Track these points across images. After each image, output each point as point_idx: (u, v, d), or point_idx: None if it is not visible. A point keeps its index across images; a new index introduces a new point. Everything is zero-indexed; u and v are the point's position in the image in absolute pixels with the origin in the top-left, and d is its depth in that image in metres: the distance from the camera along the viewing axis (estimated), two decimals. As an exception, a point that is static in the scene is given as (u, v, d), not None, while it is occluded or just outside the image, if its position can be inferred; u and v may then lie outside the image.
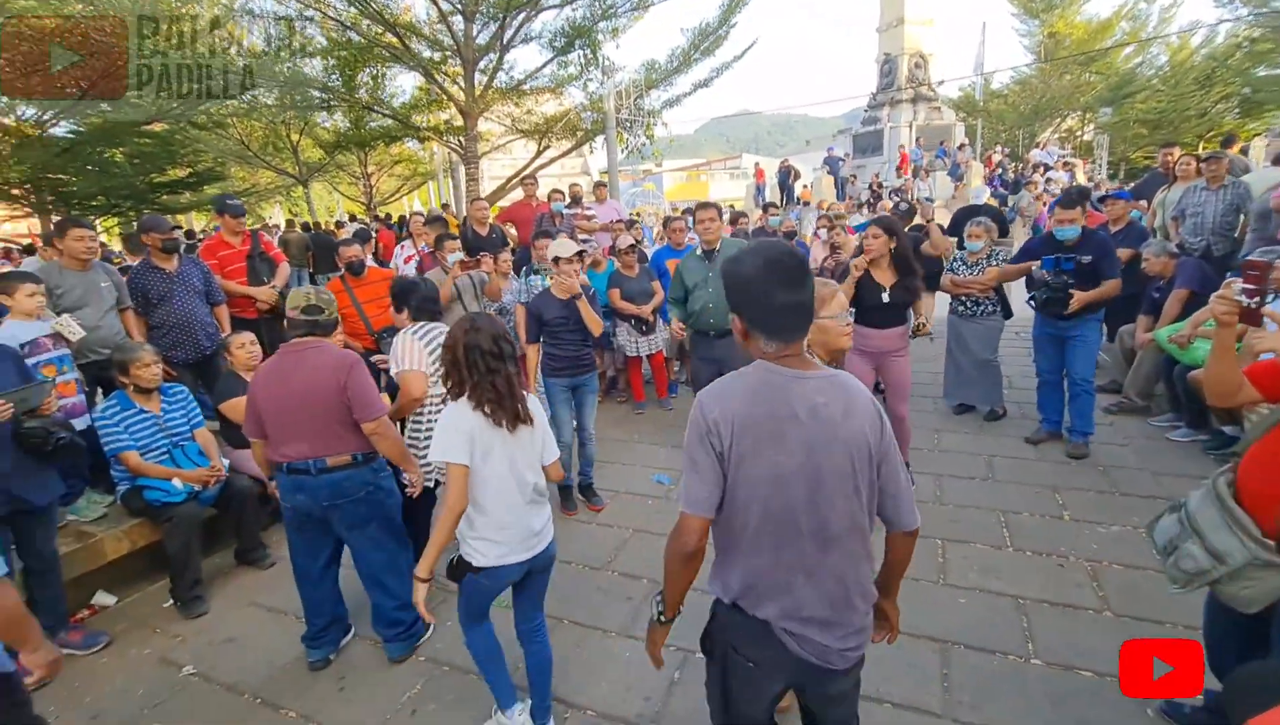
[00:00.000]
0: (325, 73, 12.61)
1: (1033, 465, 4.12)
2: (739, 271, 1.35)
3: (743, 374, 1.38)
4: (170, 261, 4.12)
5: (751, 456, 1.32)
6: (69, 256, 3.81)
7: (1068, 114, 27.77)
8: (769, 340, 1.35)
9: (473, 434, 1.93)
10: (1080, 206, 3.98)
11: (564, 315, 3.69)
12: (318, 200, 24.12)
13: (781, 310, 1.33)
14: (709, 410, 1.34)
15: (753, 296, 1.34)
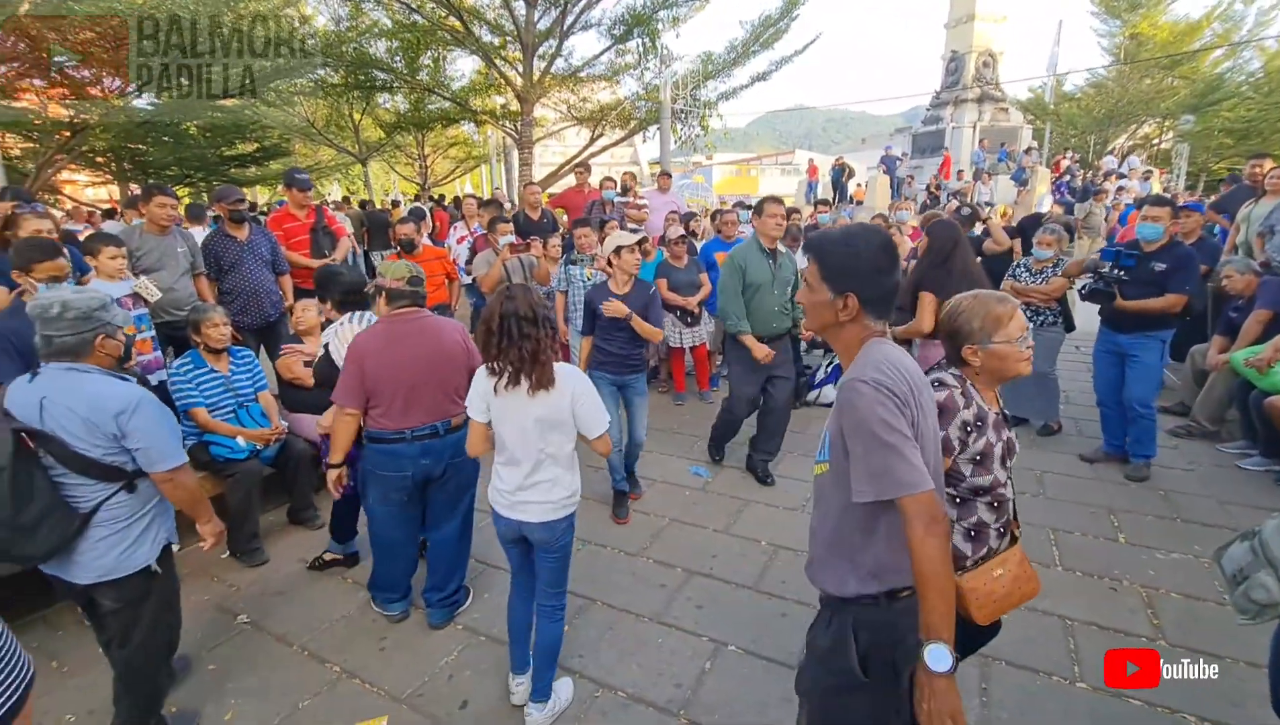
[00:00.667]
0: (389, 54, 12.92)
1: (1087, 484, 3.97)
2: (858, 251, 1.38)
3: (884, 352, 1.35)
4: (241, 231, 4.33)
5: (926, 428, 1.37)
6: (150, 221, 4.02)
7: (1145, 120, 26.31)
8: (878, 318, 1.41)
9: (486, 397, 2.09)
10: (1170, 208, 3.80)
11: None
12: (375, 179, 24.78)
13: (893, 290, 1.41)
14: (896, 385, 1.28)
15: (871, 276, 1.37)
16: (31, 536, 1.81)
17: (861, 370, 1.32)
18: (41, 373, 1.91)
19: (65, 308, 1.89)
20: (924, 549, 1.23)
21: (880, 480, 1.25)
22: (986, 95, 20.71)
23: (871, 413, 1.26)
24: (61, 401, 1.85)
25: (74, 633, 2.78)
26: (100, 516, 1.91)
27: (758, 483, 4.10)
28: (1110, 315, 4.04)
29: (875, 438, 1.25)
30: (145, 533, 2.00)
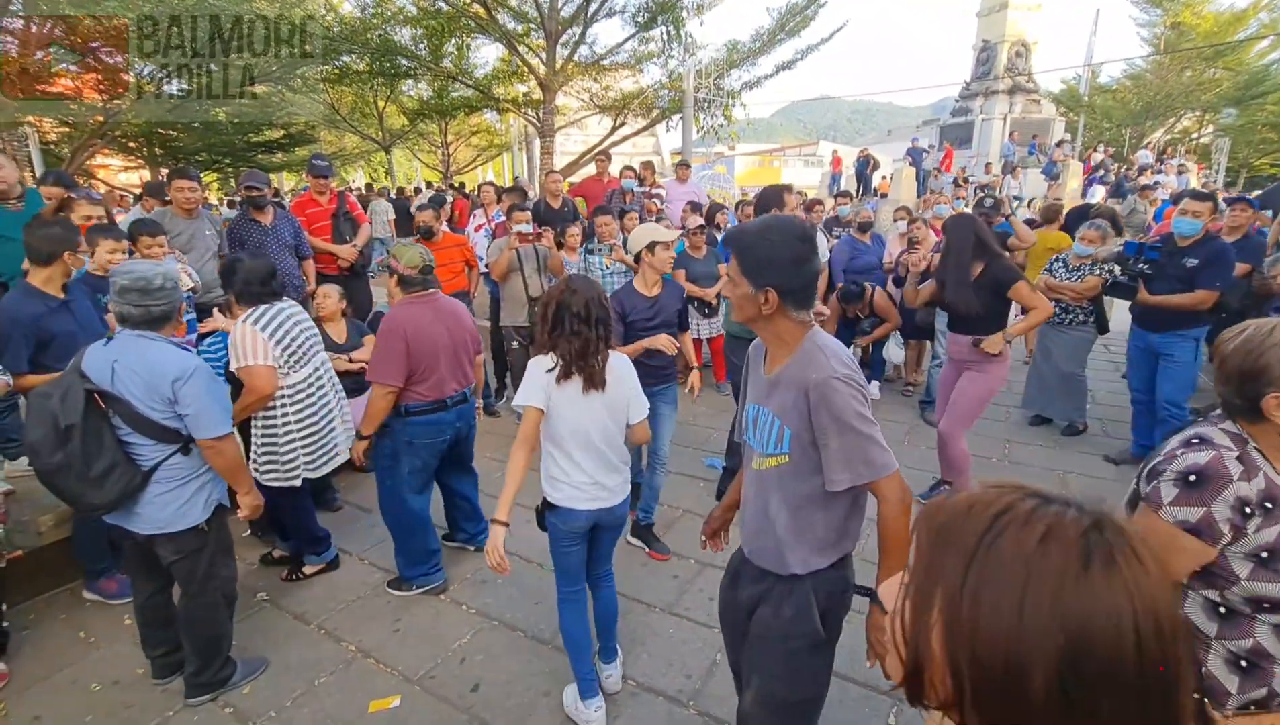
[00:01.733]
0: (413, 41, 12.95)
1: (1112, 486, 3.87)
2: (775, 243, 1.38)
3: (825, 339, 1.45)
4: (265, 215, 4.38)
5: None
6: (176, 205, 4.10)
7: (1184, 113, 25.45)
8: (800, 309, 1.42)
9: (548, 387, 2.03)
10: (1211, 203, 3.67)
11: (649, 315, 3.23)
12: (398, 167, 24.98)
13: (813, 281, 1.43)
14: (856, 372, 1.40)
15: (789, 268, 1.38)
16: (100, 487, 2.01)
17: (828, 365, 1.37)
18: (116, 338, 2.08)
19: (166, 279, 2.08)
20: (896, 525, 1.39)
21: (859, 468, 1.36)
22: (1018, 86, 20.20)
23: (848, 406, 1.35)
24: (129, 365, 2.02)
25: (99, 605, 2.86)
26: (159, 474, 2.10)
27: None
28: (1141, 314, 3.93)
29: (852, 429, 1.35)
30: (199, 493, 2.19)
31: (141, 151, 15.80)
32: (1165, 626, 0.50)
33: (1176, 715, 0.52)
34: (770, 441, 1.46)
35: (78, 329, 2.72)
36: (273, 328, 2.70)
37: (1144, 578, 0.51)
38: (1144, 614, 0.49)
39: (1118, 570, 0.50)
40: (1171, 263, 3.69)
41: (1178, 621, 0.53)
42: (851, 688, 2.34)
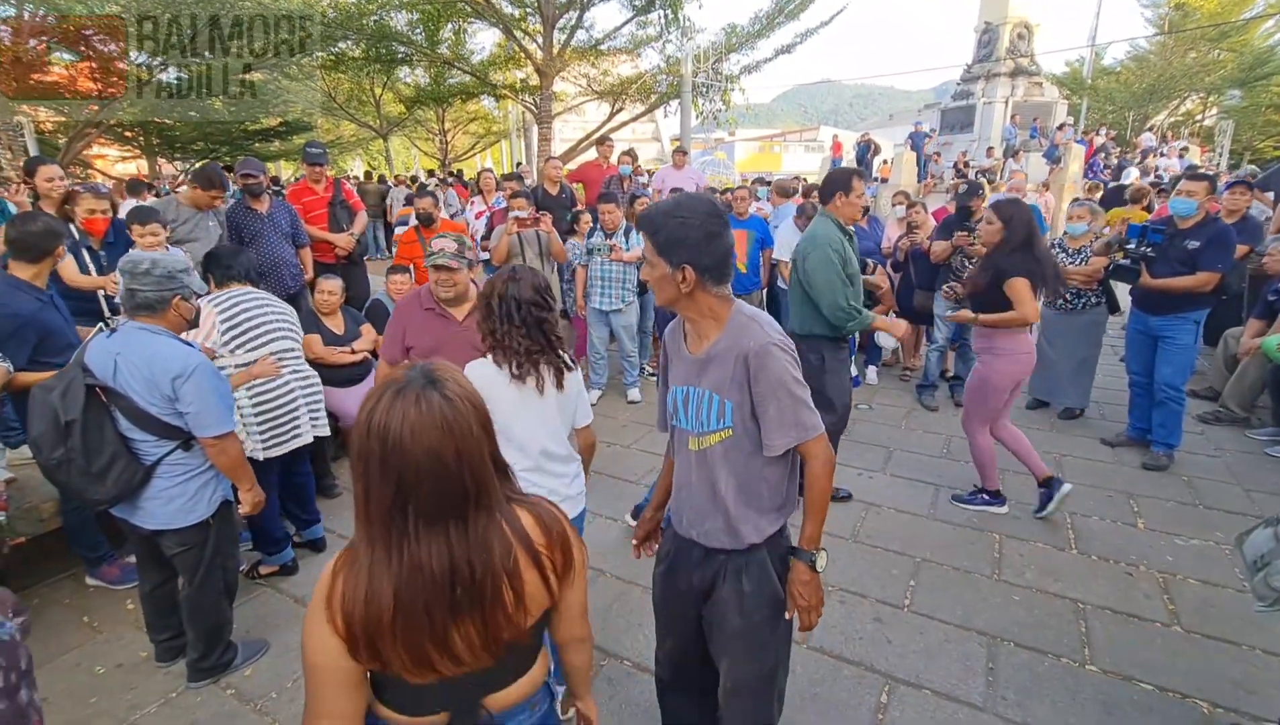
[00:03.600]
0: (409, 27, 12.83)
1: (1107, 468, 3.89)
2: (686, 220, 1.39)
3: (752, 311, 1.49)
4: (262, 203, 4.37)
5: None
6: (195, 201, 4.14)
7: (1188, 95, 25.19)
8: (720, 284, 1.44)
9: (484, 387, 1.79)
10: (1207, 183, 3.64)
11: None
12: (396, 155, 24.83)
13: (727, 255, 1.44)
14: (788, 342, 1.45)
15: (703, 244, 1.39)
16: (101, 482, 2.01)
17: (761, 334, 1.42)
18: (119, 330, 2.06)
19: (154, 265, 2.04)
20: (821, 482, 1.47)
21: (794, 429, 1.42)
22: (1020, 69, 19.95)
23: (785, 371, 1.41)
24: (131, 359, 2.00)
25: (102, 590, 2.89)
26: (162, 470, 2.10)
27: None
28: (1141, 297, 3.92)
29: (789, 393, 1.41)
30: (203, 489, 2.19)
31: (138, 141, 15.71)
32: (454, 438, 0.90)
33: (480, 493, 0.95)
34: (710, 418, 1.47)
35: (64, 322, 2.73)
36: (225, 307, 2.73)
37: (444, 407, 0.91)
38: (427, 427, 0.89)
39: (415, 401, 0.90)
40: (1173, 245, 3.67)
41: (468, 435, 0.92)
42: (845, 667, 2.37)
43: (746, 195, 5.56)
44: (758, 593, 1.53)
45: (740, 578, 1.53)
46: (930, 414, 4.85)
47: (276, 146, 18.06)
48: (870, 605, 2.71)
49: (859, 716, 2.15)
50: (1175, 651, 2.41)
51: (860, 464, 3.98)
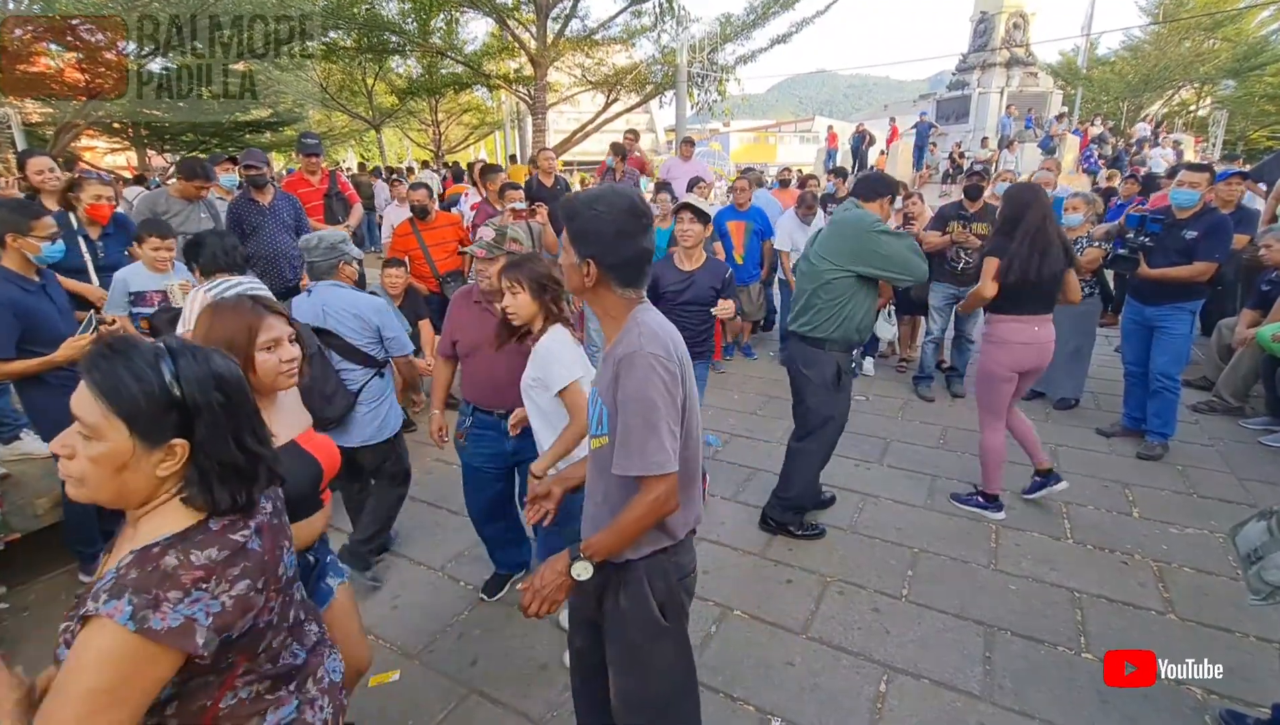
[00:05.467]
0: (401, 16, 12.70)
1: (1102, 458, 3.91)
2: (600, 214, 1.33)
3: (651, 319, 1.38)
4: (264, 195, 4.34)
5: (690, 386, 1.39)
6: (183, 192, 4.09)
7: (1182, 85, 25.22)
8: (627, 286, 1.38)
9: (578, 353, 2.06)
10: (1209, 173, 3.65)
11: (679, 288, 3.15)
12: (388, 146, 24.63)
13: (639, 257, 1.36)
14: (668, 359, 1.31)
15: (611, 241, 1.33)
16: (331, 403, 2.54)
17: (638, 342, 1.31)
18: (314, 289, 2.64)
19: (320, 241, 2.64)
20: (637, 513, 1.31)
21: (637, 458, 1.29)
22: (1016, 59, 19.92)
23: (641, 387, 1.28)
24: (337, 307, 2.58)
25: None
26: (363, 396, 2.64)
27: (760, 455, 4.09)
28: (1137, 287, 3.94)
29: (643, 415, 1.28)
30: (390, 414, 2.74)
31: (127, 133, 15.53)
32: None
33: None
34: (595, 421, 1.41)
35: (57, 313, 2.68)
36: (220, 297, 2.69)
37: None
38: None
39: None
40: (1170, 235, 3.68)
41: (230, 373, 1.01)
42: (844, 657, 2.38)
43: (746, 186, 5.54)
44: (633, 612, 1.44)
45: (619, 594, 1.46)
46: (926, 405, 4.86)
47: (268, 138, 17.87)
48: (868, 596, 2.72)
49: (858, 706, 2.17)
50: (1170, 639, 2.43)
51: (857, 455, 4.00)
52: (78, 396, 0.92)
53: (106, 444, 0.91)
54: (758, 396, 5.10)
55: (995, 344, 3.19)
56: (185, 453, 0.95)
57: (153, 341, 0.99)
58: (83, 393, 0.92)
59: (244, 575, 0.97)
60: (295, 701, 1.13)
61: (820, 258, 2.92)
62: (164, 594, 0.88)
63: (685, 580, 1.51)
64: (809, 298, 2.95)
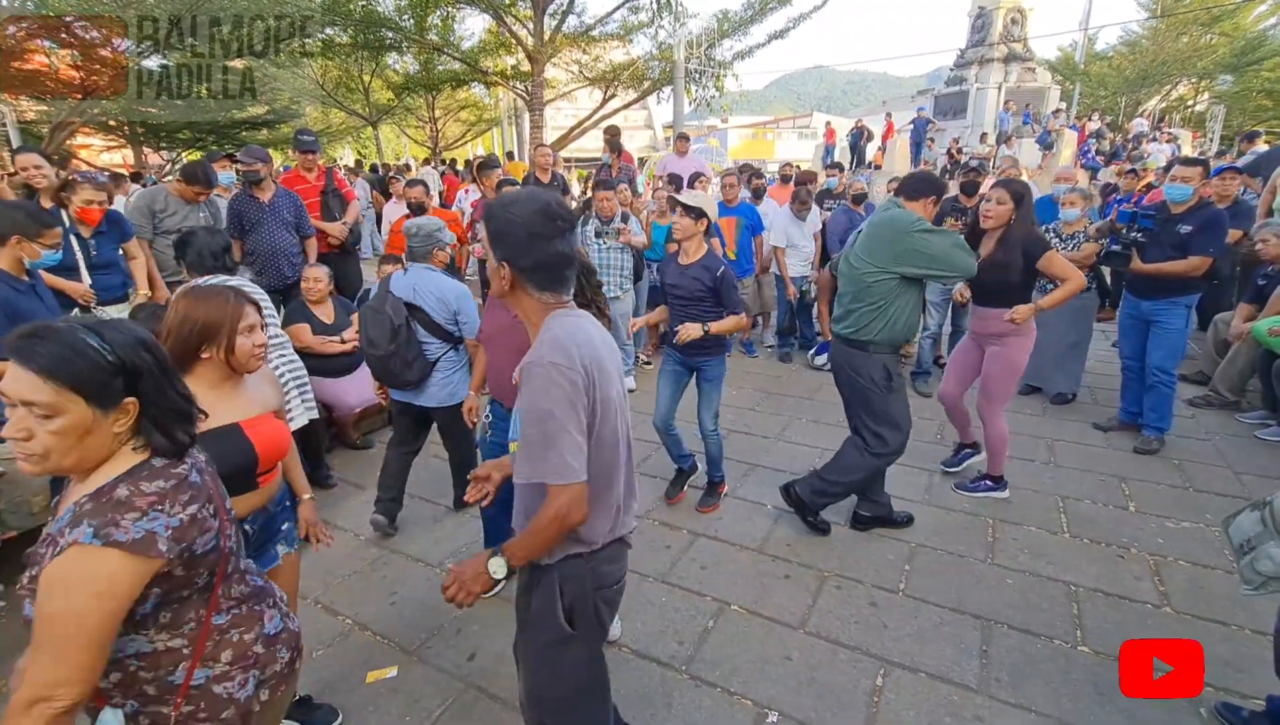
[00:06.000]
0: (398, 12, 12.66)
1: (1099, 453, 3.92)
2: (513, 217, 1.33)
3: (563, 326, 1.36)
4: (265, 192, 4.32)
5: (608, 395, 1.38)
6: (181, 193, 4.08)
7: (1180, 81, 25.21)
8: (543, 290, 1.37)
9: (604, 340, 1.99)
10: (1202, 168, 3.65)
11: (674, 282, 3.16)
12: (386, 143, 24.57)
13: (554, 261, 1.35)
14: (570, 368, 1.29)
15: (524, 244, 1.33)
16: (410, 368, 2.92)
17: (539, 350, 1.32)
18: (410, 271, 2.99)
19: (420, 229, 2.97)
20: (541, 523, 1.32)
21: (538, 464, 1.29)
22: (1013, 54, 19.90)
23: (537, 398, 1.29)
24: (425, 287, 2.93)
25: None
26: (440, 365, 3.00)
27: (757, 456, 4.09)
28: (1133, 281, 3.94)
29: (539, 424, 1.29)
30: (461, 382, 3.07)
31: (122, 130, 15.48)
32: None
33: None
34: (514, 424, 1.41)
35: (46, 312, 2.68)
36: None
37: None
38: None
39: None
40: (1165, 230, 3.68)
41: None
42: (841, 651, 2.39)
43: (735, 182, 5.53)
44: (542, 613, 1.46)
45: (532, 594, 1.48)
46: (924, 400, 4.87)
47: (264, 135, 17.80)
48: (866, 590, 2.73)
49: (855, 699, 2.17)
50: (1165, 632, 2.44)
51: (855, 450, 4.00)
52: (15, 381, 0.99)
53: (67, 417, 1.01)
54: (755, 392, 5.11)
55: (1026, 336, 3.22)
56: (135, 409, 1.07)
57: (66, 321, 1.07)
58: (21, 376, 0.99)
59: (193, 500, 1.10)
60: (278, 614, 1.32)
61: (861, 260, 2.85)
62: (120, 516, 1.01)
63: (605, 591, 1.48)
64: (851, 300, 2.91)
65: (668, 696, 2.22)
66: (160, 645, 1.11)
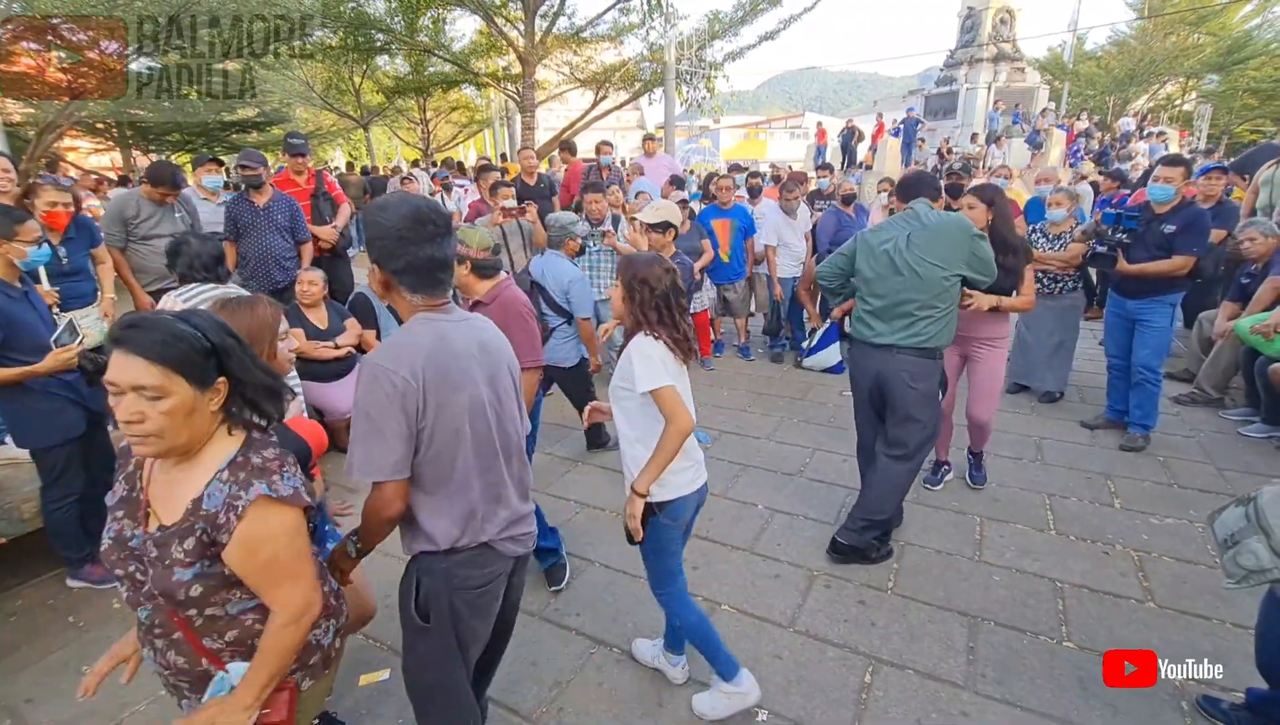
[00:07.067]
0: (388, 14, 12.63)
1: (1085, 451, 3.97)
2: (381, 221, 1.38)
3: (411, 330, 1.41)
4: (261, 196, 4.31)
5: (450, 401, 1.39)
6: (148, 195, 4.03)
7: (1167, 80, 25.45)
8: (416, 292, 1.42)
9: (666, 362, 1.88)
10: (1184, 168, 3.70)
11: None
12: (377, 145, 24.48)
13: (426, 264, 1.39)
14: (395, 372, 1.33)
15: (393, 247, 1.38)
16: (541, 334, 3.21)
17: (375, 352, 1.40)
18: (545, 255, 3.68)
19: (556, 221, 3.73)
20: (369, 520, 1.44)
21: (358, 461, 1.36)
22: (1003, 54, 20.06)
23: (364, 398, 1.35)
24: (550, 270, 3.55)
25: (86, 590, 2.87)
26: (556, 333, 3.53)
27: (752, 451, 4.12)
28: (1119, 281, 3.99)
29: (361, 422, 1.35)
30: (574, 349, 3.64)
31: (111, 133, 15.36)
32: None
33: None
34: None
35: (39, 320, 2.64)
36: (190, 300, 2.66)
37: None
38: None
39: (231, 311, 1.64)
40: (1150, 230, 3.72)
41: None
42: (830, 649, 2.41)
43: (730, 185, 5.56)
44: (402, 602, 1.56)
45: (402, 582, 1.58)
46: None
47: (254, 138, 17.72)
48: (854, 589, 2.76)
49: (843, 696, 2.20)
50: (1149, 627, 2.48)
51: (845, 451, 4.03)
52: (124, 368, 1.10)
53: (175, 397, 1.13)
54: (748, 393, 5.13)
55: (1008, 340, 3.32)
56: (226, 387, 1.21)
57: (158, 312, 1.18)
58: (130, 363, 1.10)
59: (295, 464, 1.27)
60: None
61: (929, 265, 2.69)
62: (271, 476, 1.19)
63: (465, 593, 1.52)
64: (920, 307, 2.72)
65: (659, 695, 2.24)
66: None
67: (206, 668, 1.25)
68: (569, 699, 2.26)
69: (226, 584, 1.20)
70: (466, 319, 1.51)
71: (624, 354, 1.93)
